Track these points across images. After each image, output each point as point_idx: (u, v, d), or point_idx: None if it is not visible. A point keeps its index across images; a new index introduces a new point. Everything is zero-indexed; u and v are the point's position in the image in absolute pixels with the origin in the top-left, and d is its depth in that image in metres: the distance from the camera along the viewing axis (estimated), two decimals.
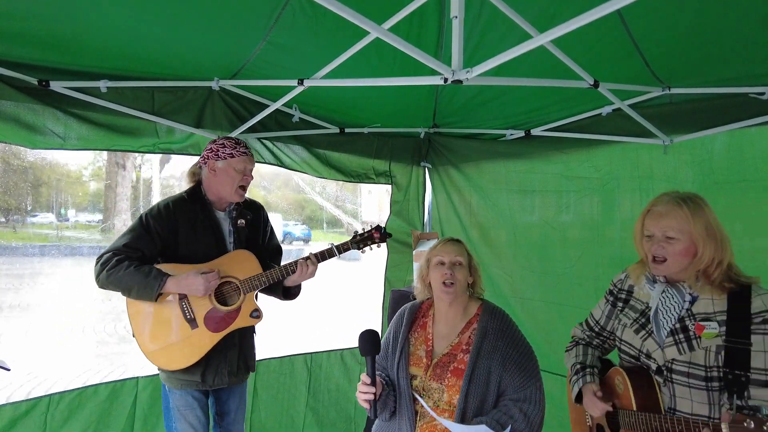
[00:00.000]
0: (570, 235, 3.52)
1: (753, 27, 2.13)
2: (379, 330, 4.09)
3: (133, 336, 2.45)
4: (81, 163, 28.55)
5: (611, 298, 2.05)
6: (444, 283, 2.07)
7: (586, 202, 3.42)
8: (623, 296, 2.00)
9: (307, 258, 2.56)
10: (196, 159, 2.68)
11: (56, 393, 2.89)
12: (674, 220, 1.70)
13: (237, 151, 2.53)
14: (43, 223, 26.69)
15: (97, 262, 2.37)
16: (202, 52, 2.60)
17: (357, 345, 1.89)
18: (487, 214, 3.96)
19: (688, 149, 2.90)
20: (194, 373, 2.44)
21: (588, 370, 2.02)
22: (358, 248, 2.66)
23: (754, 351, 1.59)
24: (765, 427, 1.33)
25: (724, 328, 1.64)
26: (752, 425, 1.34)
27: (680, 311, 1.74)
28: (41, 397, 2.85)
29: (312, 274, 2.57)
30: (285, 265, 2.55)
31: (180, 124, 2.98)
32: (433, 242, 4.10)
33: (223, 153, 2.51)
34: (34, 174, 25.03)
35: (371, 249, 2.70)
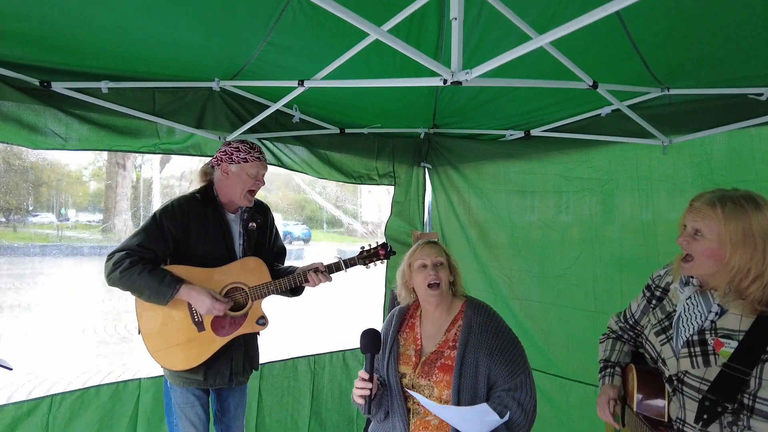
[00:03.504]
0: (569, 236, 3.52)
1: (751, 28, 2.14)
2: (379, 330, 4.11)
3: (139, 333, 2.47)
4: (81, 163, 28.57)
5: (648, 294, 1.94)
6: (429, 285, 2.10)
7: (585, 203, 3.42)
8: (658, 294, 1.89)
9: (318, 270, 2.63)
10: (196, 159, 2.69)
11: (58, 393, 2.89)
12: (704, 217, 1.59)
13: (251, 155, 2.57)
14: (43, 223, 26.69)
15: (108, 259, 2.37)
16: (203, 53, 2.61)
17: (358, 345, 1.92)
18: (486, 214, 3.97)
19: (687, 150, 2.91)
20: (197, 372, 2.48)
21: (609, 370, 1.99)
22: (364, 264, 2.74)
23: (764, 379, 1.47)
24: None
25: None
26: None
27: (702, 322, 1.61)
28: (43, 397, 2.84)
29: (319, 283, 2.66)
30: (293, 276, 2.61)
31: (180, 125, 2.98)
32: None
33: (237, 157, 2.55)
34: (34, 174, 25.04)
35: (375, 265, 2.78)
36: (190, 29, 2.35)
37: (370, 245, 2.76)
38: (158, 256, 2.42)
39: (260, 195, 2.75)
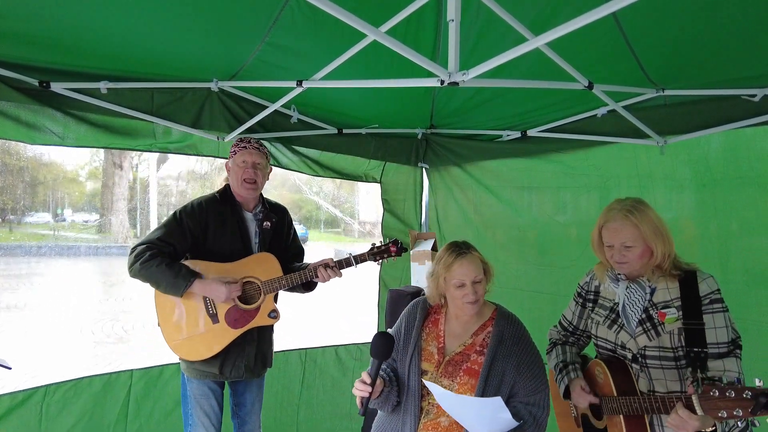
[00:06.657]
0: (572, 232, 3.54)
1: (745, 31, 2.16)
2: (375, 329, 4.11)
3: (158, 325, 2.61)
4: (78, 163, 28.51)
5: (580, 300, 2.24)
6: (467, 301, 2.05)
7: (585, 200, 3.45)
8: (591, 297, 2.20)
9: (327, 266, 2.70)
10: (193, 160, 2.79)
11: (52, 384, 2.99)
12: (628, 232, 1.91)
13: (239, 146, 2.70)
14: (39, 223, 26.61)
15: (131, 253, 2.52)
16: (202, 53, 2.62)
17: (352, 342, 1.92)
18: (489, 210, 3.97)
19: (684, 148, 2.92)
20: (213, 364, 2.60)
21: (570, 366, 2.17)
22: (375, 260, 2.81)
23: (707, 329, 1.82)
24: (727, 393, 1.53)
25: (681, 313, 1.86)
26: (716, 393, 1.55)
27: (644, 303, 1.95)
28: (37, 387, 2.94)
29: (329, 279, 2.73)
30: (304, 271, 2.68)
31: (178, 125, 3.00)
32: (430, 242, 4.11)
33: (231, 152, 2.73)
34: (30, 173, 24.96)
35: (387, 262, 2.83)
36: (188, 30, 2.36)
37: (381, 242, 2.82)
38: (177, 250, 2.55)
39: None
